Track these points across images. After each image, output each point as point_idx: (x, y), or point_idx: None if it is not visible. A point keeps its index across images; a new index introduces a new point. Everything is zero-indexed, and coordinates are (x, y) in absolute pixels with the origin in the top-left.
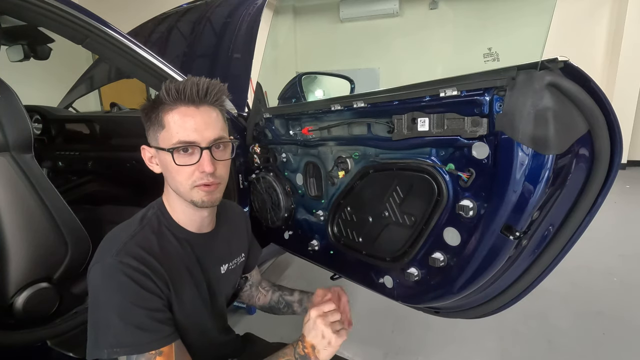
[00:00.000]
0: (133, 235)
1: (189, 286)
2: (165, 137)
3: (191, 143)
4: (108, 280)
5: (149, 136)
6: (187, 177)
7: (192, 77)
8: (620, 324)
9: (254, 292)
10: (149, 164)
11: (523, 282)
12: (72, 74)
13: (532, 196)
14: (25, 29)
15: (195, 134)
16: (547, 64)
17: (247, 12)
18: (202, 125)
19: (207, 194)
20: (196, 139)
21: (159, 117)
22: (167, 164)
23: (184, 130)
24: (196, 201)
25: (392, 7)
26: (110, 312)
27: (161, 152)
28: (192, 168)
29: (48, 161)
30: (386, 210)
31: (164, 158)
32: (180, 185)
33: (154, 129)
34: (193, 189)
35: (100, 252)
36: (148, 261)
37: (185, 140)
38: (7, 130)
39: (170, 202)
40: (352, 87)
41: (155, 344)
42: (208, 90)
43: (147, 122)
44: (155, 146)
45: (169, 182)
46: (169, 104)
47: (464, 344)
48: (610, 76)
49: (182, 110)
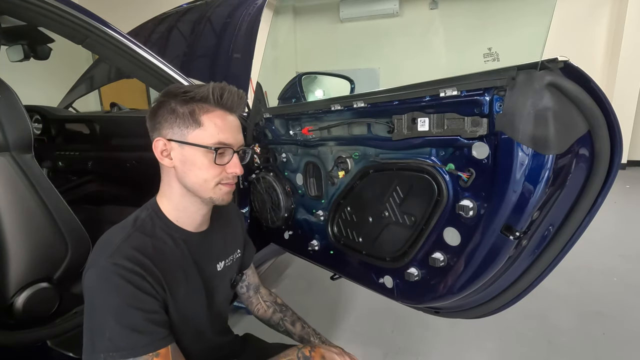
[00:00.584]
0: (127, 237)
1: (185, 286)
2: (200, 135)
3: (229, 145)
4: (103, 283)
5: (168, 129)
6: (214, 176)
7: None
8: (620, 324)
9: (252, 297)
10: (160, 156)
11: (523, 282)
12: (72, 74)
13: (532, 196)
14: (25, 29)
15: (232, 138)
16: (547, 64)
17: (247, 12)
18: (236, 131)
19: (227, 193)
20: (232, 142)
21: (195, 115)
22: (193, 160)
23: (224, 132)
24: (216, 198)
25: (392, 7)
26: (106, 314)
27: (190, 147)
28: (222, 168)
29: (48, 161)
30: (386, 210)
31: (191, 154)
32: (205, 182)
33: (182, 124)
34: (217, 186)
35: (93, 256)
36: (142, 262)
37: (225, 142)
38: (7, 130)
39: (171, 200)
40: (352, 87)
41: (152, 346)
42: (241, 101)
43: (169, 115)
44: (181, 141)
45: (185, 178)
46: (209, 105)
47: (464, 344)
48: (610, 76)
49: (221, 115)
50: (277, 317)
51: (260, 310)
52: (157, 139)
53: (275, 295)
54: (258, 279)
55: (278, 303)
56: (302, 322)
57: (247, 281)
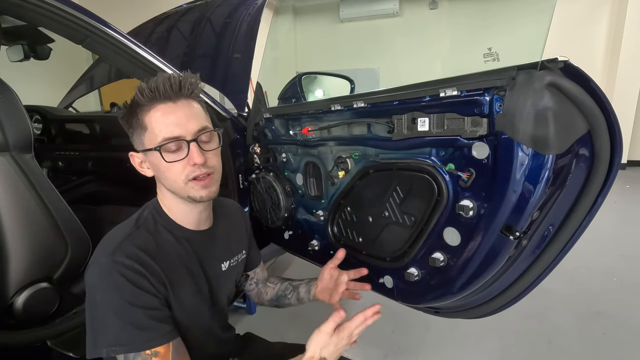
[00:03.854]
0: (128, 234)
1: (188, 284)
2: (150, 138)
3: (176, 138)
4: (104, 280)
5: (134, 142)
6: (179, 173)
7: (163, 73)
8: (620, 324)
9: (261, 288)
10: (140, 169)
11: (523, 282)
12: (72, 74)
13: (532, 196)
14: (25, 29)
15: (178, 129)
16: (547, 64)
17: (247, 12)
18: (183, 119)
19: (203, 189)
20: (181, 133)
21: (139, 119)
22: (157, 164)
23: (167, 126)
24: (194, 196)
25: (392, 7)
26: (108, 311)
27: (149, 153)
28: (183, 163)
29: (48, 161)
30: (386, 210)
31: (154, 159)
32: (174, 182)
33: (138, 133)
34: (187, 183)
35: (96, 253)
36: (143, 260)
37: (170, 136)
38: (7, 130)
39: (166, 202)
40: (352, 87)
41: (154, 342)
42: (182, 84)
43: (129, 129)
44: (142, 150)
45: (162, 182)
46: (146, 105)
47: (464, 344)
48: (610, 76)
49: (160, 108)
50: (285, 285)
51: (269, 292)
52: (130, 154)
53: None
54: (266, 273)
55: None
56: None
57: (255, 278)
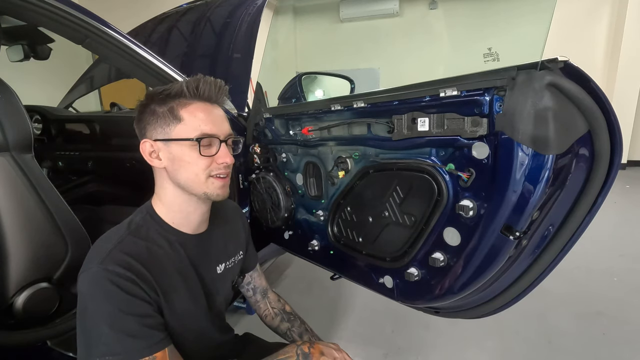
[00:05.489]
0: (119, 241)
1: (181, 290)
2: (183, 130)
3: (213, 135)
4: (95, 288)
5: (152, 130)
6: (204, 168)
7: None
8: (620, 324)
9: (260, 302)
10: (149, 158)
11: (523, 282)
12: (72, 74)
13: (532, 196)
14: (25, 29)
15: (215, 128)
16: (547, 64)
17: (247, 12)
18: (219, 120)
19: (221, 187)
20: (217, 132)
21: (174, 111)
22: (181, 156)
23: (206, 124)
24: (210, 193)
25: (392, 7)
26: (100, 321)
27: (175, 143)
28: (211, 159)
29: (48, 161)
30: (386, 210)
31: (178, 150)
32: (196, 176)
33: (164, 122)
34: (208, 179)
35: (87, 261)
36: (134, 267)
37: (208, 132)
38: (7, 130)
39: (166, 201)
40: (352, 87)
41: (148, 350)
42: (220, 90)
43: (151, 116)
44: (165, 138)
45: (177, 175)
46: (187, 99)
47: (464, 344)
48: (610, 76)
49: (201, 106)
50: (285, 327)
51: (268, 317)
52: (144, 141)
53: (284, 302)
54: (265, 282)
55: (286, 311)
56: (310, 333)
57: (252, 284)
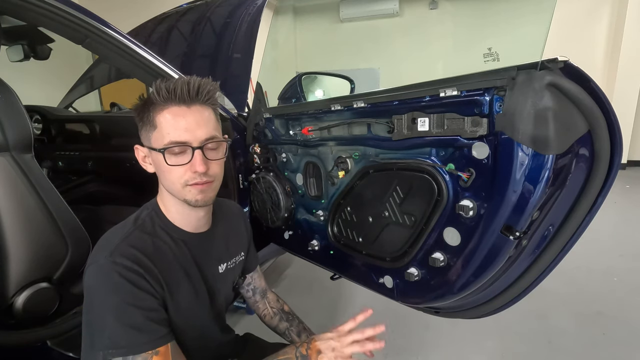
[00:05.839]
0: (126, 235)
1: (185, 286)
2: (157, 137)
3: (183, 143)
4: (102, 281)
5: (142, 136)
6: (179, 177)
7: (184, 76)
8: (620, 324)
9: (259, 302)
10: (143, 163)
11: (523, 282)
12: (72, 74)
13: (532, 196)
14: (25, 29)
15: (186, 134)
16: (547, 64)
17: (247, 12)
18: (193, 125)
19: (200, 193)
20: (188, 139)
21: (150, 117)
22: (159, 164)
23: (175, 130)
24: (189, 200)
25: (392, 7)
26: (106, 313)
27: (154, 152)
28: (184, 168)
29: (48, 161)
30: (386, 210)
31: (157, 158)
32: (173, 184)
33: (146, 129)
34: (185, 187)
35: (94, 254)
36: (141, 261)
37: (177, 140)
38: (7, 130)
39: (165, 202)
40: (352, 87)
41: (151, 344)
42: (199, 89)
43: (139, 122)
44: (147, 146)
45: (162, 181)
46: (160, 104)
47: (464, 344)
48: (610, 76)
49: (173, 110)
50: (284, 326)
51: (267, 317)
52: (136, 147)
53: (282, 302)
54: (265, 283)
55: (285, 311)
56: (308, 332)
57: (252, 285)
